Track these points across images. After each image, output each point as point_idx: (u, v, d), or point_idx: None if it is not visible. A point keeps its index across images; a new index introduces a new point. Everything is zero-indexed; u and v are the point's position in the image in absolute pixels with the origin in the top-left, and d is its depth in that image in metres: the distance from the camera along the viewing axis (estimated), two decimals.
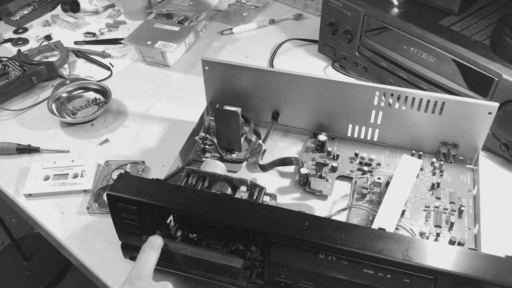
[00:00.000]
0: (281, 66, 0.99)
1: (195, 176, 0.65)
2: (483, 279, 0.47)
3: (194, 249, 0.54)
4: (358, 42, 0.89)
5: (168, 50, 0.96)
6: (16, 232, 1.60)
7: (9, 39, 1.08)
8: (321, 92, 0.74)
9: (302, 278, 0.54)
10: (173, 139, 0.82)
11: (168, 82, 0.96)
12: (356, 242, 0.50)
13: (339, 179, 0.73)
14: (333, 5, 0.88)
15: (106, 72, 0.99)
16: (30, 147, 0.80)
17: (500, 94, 0.70)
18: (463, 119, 0.70)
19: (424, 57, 0.79)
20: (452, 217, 0.66)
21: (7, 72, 0.92)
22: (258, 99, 0.78)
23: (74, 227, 0.69)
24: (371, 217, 0.66)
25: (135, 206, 0.55)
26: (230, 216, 0.53)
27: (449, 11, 0.82)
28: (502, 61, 0.71)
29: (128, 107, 0.90)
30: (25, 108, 0.90)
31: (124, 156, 0.79)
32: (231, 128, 0.75)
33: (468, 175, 0.72)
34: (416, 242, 0.50)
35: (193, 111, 0.83)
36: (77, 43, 1.07)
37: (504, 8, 0.85)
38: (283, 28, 1.11)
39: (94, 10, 1.18)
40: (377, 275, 0.50)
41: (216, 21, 1.15)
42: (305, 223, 0.52)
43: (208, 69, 0.77)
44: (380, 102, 0.72)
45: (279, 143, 0.81)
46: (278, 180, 0.75)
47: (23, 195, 0.73)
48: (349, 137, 0.78)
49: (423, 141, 0.75)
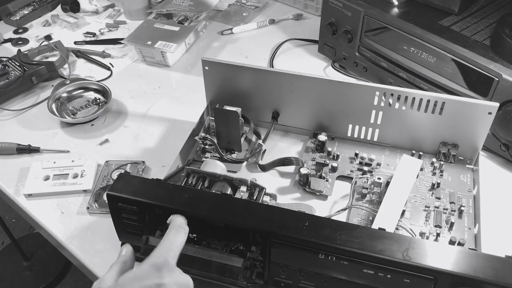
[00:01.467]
0: (281, 66, 0.99)
1: (195, 176, 0.65)
2: (483, 279, 0.47)
3: (194, 249, 0.55)
4: (358, 42, 0.89)
5: (168, 50, 0.96)
6: (16, 232, 1.60)
7: (9, 39, 1.08)
8: (321, 92, 0.74)
9: (302, 278, 0.54)
10: (173, 139, 0.82)
11: (168, 82, 0.96)
12: (356, 242, 0.50)
13: (339, 179, 0.73)
14: (333, 5, 0.88)
15: (106, 72, 0.99)
16: (30, 147, 0.80)
17: (500, 94, 0.70)
18: (463, 119, 0.70)
19: (424, 57, 0.79)
20: (452, 217, 0.66)
21: (7, 72, 0.92)
22: (258, 99, 0.78)
23: (74, 227, 0.69)
24: (371, 217, 0.66)
25: (135, 206, 0.55)
26: (230, 216, 0.54)
27: (449, 11, 0.82)
28: (502, 61, 0.71)
29: (128, 107, 0.90)
30: (25, 108, 0.90)
31: (124, 156, 0.79)
32: (231, 128, 0.75)
33: (468, 175, 0.72)
34: (416, 242, 0.50)
35: (193, 111, 0.83)
36: (77, 43, 1.07)
37: (504, 8, 0.85)
38: (283, 28, 1.11)
39: (94, 10, 1.18)
40: (377, 275, 0.50)
41: (216, 21, 1.15)
42: (305, 223, 0.52)
43: (208, 69, 0.77)
44: (380, 102, 0.72)
45: (279, 143, 0.81)
46: (278, 180, 0.75)
47: (23, 195, 0.73)
48: (349, 137, 0.78)
49: (423, 141, 0.75)
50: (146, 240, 0.55)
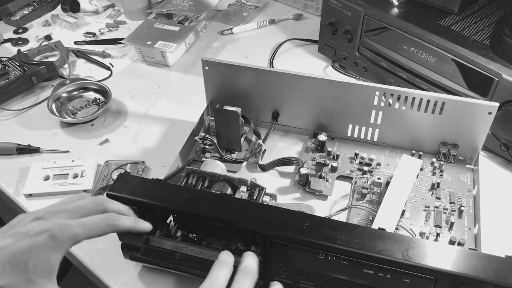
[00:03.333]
0: (281, 66, 0.99)
1: (195, 176, 0.65)
2: (483, 279, 0.47)
3: (194, 249, 0.55)
4: (358, 42, 0.89)
5: (168, 50, 0.96)
6: None
7: (9, 39, 1.08)
8: (321, 92, 0.74)
9: (302, 278, 0.54)
10: (173, 139, 0.82)
11: (168, 82, 0.96)
12: (356, 242, 0.50)
13: (339, 179, 0.73)
14: (333, 5, 0.88)
15: (106, 72, 0.99)
16: (30, 147, 0.80)
17: (500, 94, 0.70)
18: (463, 119, 0.70)
19: (424, 57, 0.79)
20: (452, 217, 0.66)
21: (7, 72, 0.92)
22: (258, 99, 0.78)
23: None
24: (371, 217, 0.66)
25: (135, 206, 0.55)
26: (230, 216, 0.53)
27: (449, 11, 0.82)
28: (502, 61, 0.71)
29: (128, 107, 0.90)
30: (25, 108, 0.90)
31: (124, 156, 0.79)
32: (231, 128, 0.75)
33: (468, 175, 0.72)
34: (416, 242, 0.50)
35: (193, 111, 0.83)
36: (77, 43, 1.07)
37: (504, 8, 0.85)
38: (283, 28, 1.11)
39: (94, 10, 1.18)
40: (377, 275, 0.50)
41: (216, 21, 1.15)
42: (305, 223, 0.52)
43: (208, 69, 0.77)
44: (380, 102, 0.72)
45: (279, 143, 0.81)
46: (278, 180, 0.75)
47: (23, 195, 0.73)
48: (349, 137, 0.78)
49: (423, 141, 0.75)
50: (146, 240, 0.55)
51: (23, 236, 0.45)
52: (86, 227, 0.48)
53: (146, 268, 0.62)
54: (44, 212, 0.48)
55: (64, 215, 0.48)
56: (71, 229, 0.47)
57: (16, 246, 0.44)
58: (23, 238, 0.45)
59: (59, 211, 0.49)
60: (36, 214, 0.48)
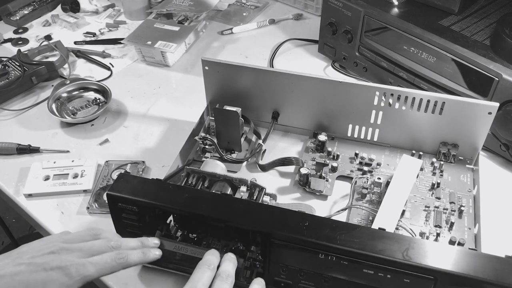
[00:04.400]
0: (281, 66, 0.99)
1: (195, 176, 0.65)
2: (483, 279, 0.47)
3: (194, 249, 0.55)
4: (358, 42, 0.89)
5: (168, 50, 0.96)
6: (16, 232, 1.60)
7: (9, 39, 1.08)
8: (321, 92, 0.74)
9: (302, 278, 0.54)
10: (173, 139, 0.82)
11: (168, 82, 0.96)
12: (356, 242, 0.50)
13: (339, 179, 0.73)
14: (333, 5, 0.88)
15: (106, 72, 0.99)
16: (30, 147, 0.80)
17: (500, 94, 0.70)
18: (463, 119, 0.70)
19: (424, 57, 0.79)
20: (452, 217, 0.66)
21: (7, 72, 0.92)
22: (258, 99, 0.78)
23: (74, 227, 0.68)
24: (371, 217, 0.66)
25: (135, 206, 0.55)
26: (230, 216, 0.54)
27: (449, 11, 0.82)
28: (502, 61, 0.71)
29: (128, 107, 0.90)
30: (25, 108, 0.90)
31: (124, 156, 0.79)
32: (231, 128, 0.75)
33: (468, 175, 0.72)
34: (416, 242, 0.50)
35: (193, 111, 0.83)
36: (77, 43, 1.07)
37: (504, 8, 0.85)
38: (283, 28, 1.11)
39: (94, 10, 1.18)
40: (377, 275, 0.50)
41: (216, 21, 1.15)
42: (305, 223, 0.52)
43: (208, 69, 0.77)
44: (380, 102, 0.72)
45: (279, 143, 0.81)
46: (278, 180, 0.75)
47: (23, 195, 0.73)
48: (349, 137, 0.78)
49: (423, 141, 0.75)
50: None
51: (38, 268, 0.47)
52: (98, 266, 0.49)
53: (146, 268, 0.62)
54: (60, 247, 0.49)
55: (78, 255, 0.50)
56: (85, 269, 0.48)
57: (31, 277, 0.46)
58: (38, 270, 0.46)
59: (74, 249, 0.50)
60: (52, 248, 0.49)
